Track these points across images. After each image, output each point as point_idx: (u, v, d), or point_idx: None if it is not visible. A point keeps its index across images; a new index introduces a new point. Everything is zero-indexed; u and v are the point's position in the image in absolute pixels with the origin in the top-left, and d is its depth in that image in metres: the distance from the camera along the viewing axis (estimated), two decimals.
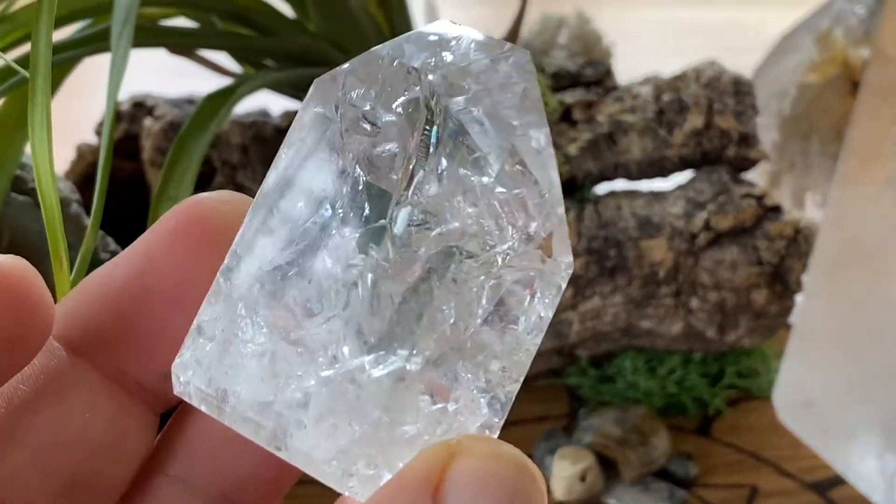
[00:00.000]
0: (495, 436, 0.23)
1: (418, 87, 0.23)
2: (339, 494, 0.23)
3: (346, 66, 0.24)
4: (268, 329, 0.23)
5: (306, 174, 0.24)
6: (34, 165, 0.38)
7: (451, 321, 0.23)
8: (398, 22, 0.64)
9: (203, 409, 0.24)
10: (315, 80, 0.24)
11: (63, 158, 0.62)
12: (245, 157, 0.61)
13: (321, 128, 0.24)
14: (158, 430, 0.28)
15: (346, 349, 0.23)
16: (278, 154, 0.24)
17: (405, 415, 0.23)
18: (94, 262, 0.50)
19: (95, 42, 0.51)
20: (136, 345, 0.26)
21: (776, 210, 0.62)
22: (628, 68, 0.71)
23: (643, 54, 0.92)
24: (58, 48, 0.50)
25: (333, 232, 0.23)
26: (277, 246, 0.24)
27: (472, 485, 0.21)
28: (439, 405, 0.23)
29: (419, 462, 0.21)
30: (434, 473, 0.21)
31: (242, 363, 0.24)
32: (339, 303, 0.23)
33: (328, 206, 0.23)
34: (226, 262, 0.24)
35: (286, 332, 0.23)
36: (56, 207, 0.38)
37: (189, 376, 0.24)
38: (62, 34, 0.52)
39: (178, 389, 0.24)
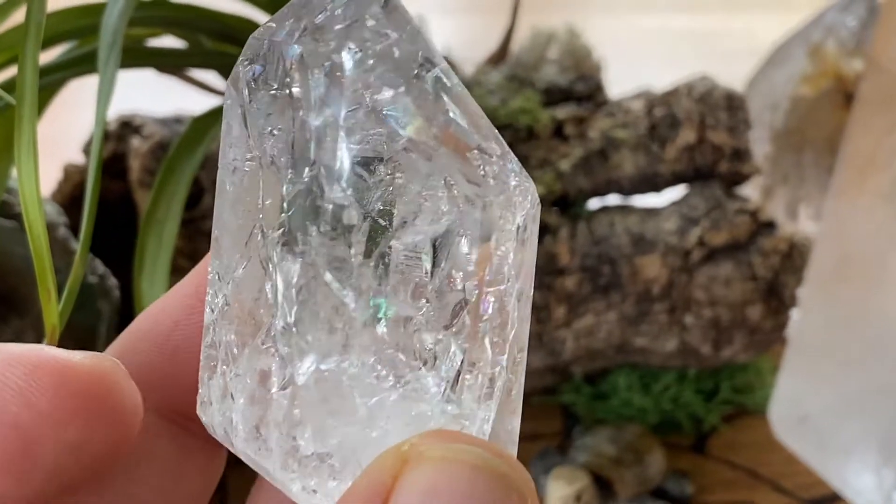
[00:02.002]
0: (485, 425, 0.22)
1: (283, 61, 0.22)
2: None
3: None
4: (240, 354, 0.23)
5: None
6: (21, 195, 0.37)
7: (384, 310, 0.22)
8: None
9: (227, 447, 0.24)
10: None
11: (50, 177, 0.62)
12: None
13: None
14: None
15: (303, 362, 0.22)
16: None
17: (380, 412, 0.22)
18: (82, 287, 0.50)
19: (82, 64, 0.51)
20: (191, 383, 0.25)
21: (770, 225, 0.62)
22: (619, 77, 0.71)
23: (633, 63, 0.92)
24: (44, 70, 0.49)
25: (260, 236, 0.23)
26: (227, 266, 0.23)
27: (421, 497, 0.19)
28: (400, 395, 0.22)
29: (370, 471, 0.20)
30: (383, 485, 0.20)
31: (233, 394, 0.23)
32: (285, 314, 0.22)
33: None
34: (208, 290, 0.24)
35: (252, 354, 0.23)
36: (43, 236, 0.38)
37: (208, 415, 0.24)
38: (49, 55, 0.52)
39: (208, 430, 0.24)
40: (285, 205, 0.22)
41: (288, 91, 0.22)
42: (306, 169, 0.22)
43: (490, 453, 0.20)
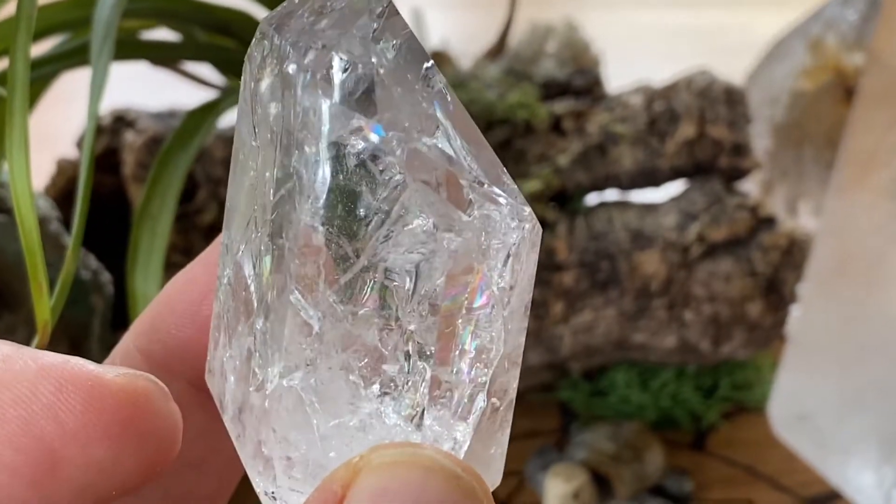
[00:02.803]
0: (461, 447, 0.22)
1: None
2: None
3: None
4: (233, 334, 0.23)
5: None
6: (12, 190, 0.37)
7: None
8: None
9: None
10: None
11: (42, 170, 0.61)
12: (229, 171, 0.60)
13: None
14: None
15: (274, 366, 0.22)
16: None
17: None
18: (75, 283, 0.49)
19: (75, 56, 0.50)
20: None
21: (770, 221, 0.61)
22: (617, 72, 0.70)
23: (632, 58, 0.91)
24: (36, 63, 0.49)
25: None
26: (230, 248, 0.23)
27: (372, 499, 0.19)
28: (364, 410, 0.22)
29: (322, 484, 0.20)
30: (334, 495, 0.19)
31: (225, 372, 0.23)
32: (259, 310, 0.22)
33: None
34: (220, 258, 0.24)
35: (242, 337, 0.23)
36: (35, 231, 0.37)
37: (212, 384, 0.24)
38: (40, 48, 0.51)
39: (214, 399, 0.24)
40: (273, 200, 0.21)
41: (286, 71, 0.21)
42: (294, 154, 0.21)
43: (442, 456, 0.20)
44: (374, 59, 0.21)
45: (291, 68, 0.21)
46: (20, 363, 0.22)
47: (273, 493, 0.22)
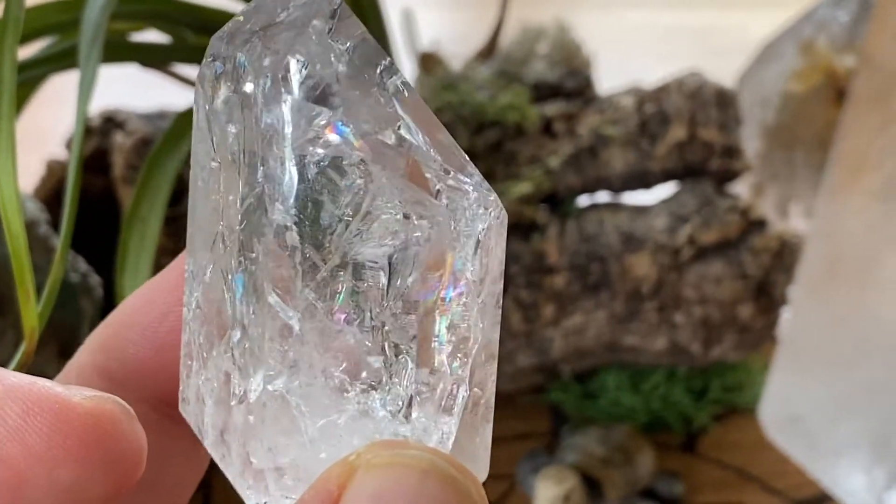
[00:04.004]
0: (447, 440, 0.22)
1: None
2: None
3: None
4: (208, 357, 0.23)
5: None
6: None
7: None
8: (373, 30, 0.63)
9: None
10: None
11: (31, 171, 0.61)
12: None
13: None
14: None
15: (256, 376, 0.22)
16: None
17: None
18: (64, 286, 0.49)
19: (63, 59, 0.50)
20: (177, 373, 0.25)
21: (761, 223, 0.61)
22: (608, 72, 0.70)
23: (623, 58, 0.91)
24: (23, 66, 0.48)
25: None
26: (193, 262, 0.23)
27: (368, 502, 0.19)
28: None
29: (317, 483, 0.20)
30: (329, 495, 0.19)
31: (203, 397, 0.23)
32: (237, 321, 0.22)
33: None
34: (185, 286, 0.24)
35: (217, 358, 0.23)
36: (22, 236, 0.37)
37: (187, 412, 0.23)
38: (28, 51, 0.51)
39: (191, 427, 0.23)
40: (240, 210, 0.21)
41: (242, 90, 0.21)
42: (259, 170, 0.21)
43: (439, 458, 0.20)
44: (332, 58, 0.21)
45: (248, 87, 0.21)
46: None
47: (266, 503, 0.22)
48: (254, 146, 0.21)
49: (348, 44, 0.21)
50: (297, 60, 0.21)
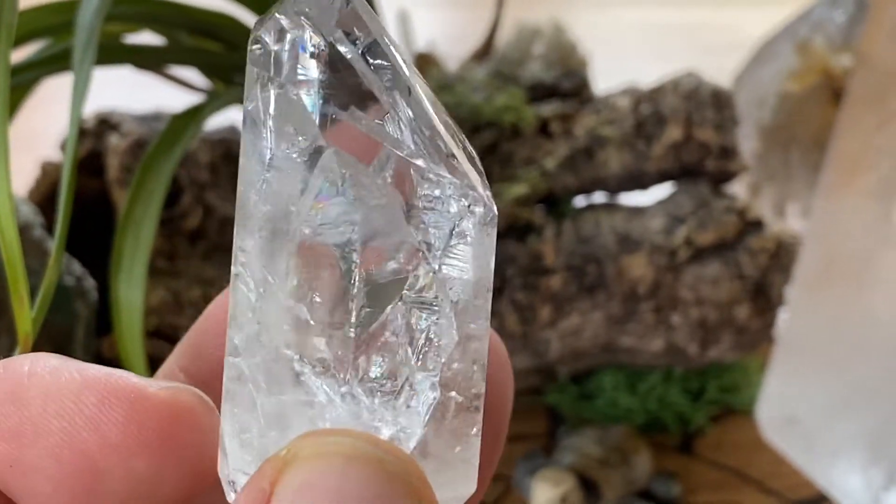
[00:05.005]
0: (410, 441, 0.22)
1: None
2: None
3: None
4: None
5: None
6: None
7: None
8: None
9: None
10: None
11: (26, 172, 0.61)
12: (214, 175, 0.60)
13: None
14: None
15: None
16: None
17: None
18: (58, 289, 0.49)
19: (56, 62, 0.50)
20: None
21: (757, 224, 0.61)
22: (604, 71, 0.70)
23: (618, 56, 0.91)
24: (16, 69, 0.48)
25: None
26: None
27: (294, 496, 0.19)
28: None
29: (251, 481, 0.20)
30: (263, 492, 0.19)
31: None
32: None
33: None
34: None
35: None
36: (16, 242, 0.37)
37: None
38: (21, 53, 0.51)
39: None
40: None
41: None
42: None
43: (366, 442, 0.20)
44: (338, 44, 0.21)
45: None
46: (66, 376, 0.22)
47: (228, 476, 0.22)
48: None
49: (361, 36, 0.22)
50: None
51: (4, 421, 0.22)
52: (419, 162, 0.22)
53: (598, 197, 0.64)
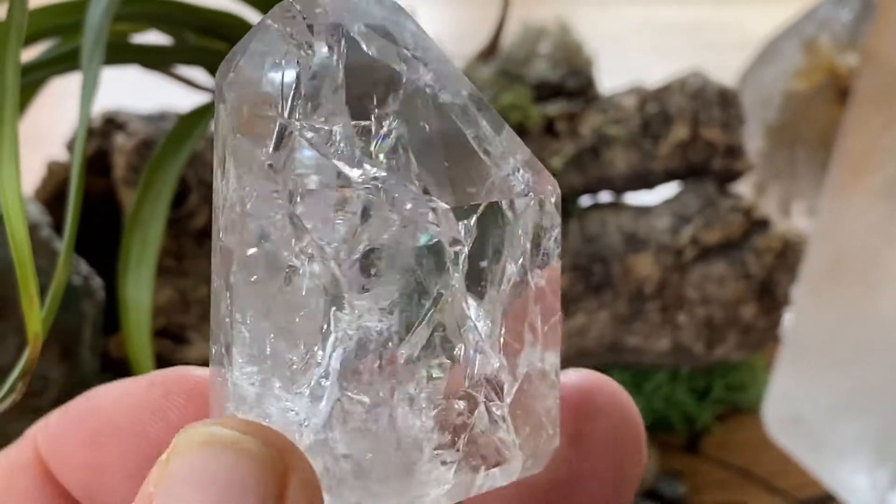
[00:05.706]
0: None
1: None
2: None
3: None
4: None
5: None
6: (3, 200, 0.37)
7: None
8: None
9: None
10: None
11: (33, 171, 0.61)
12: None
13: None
14: None
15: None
16: None
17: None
18: (66, 288, 0.49)
19: (65, 62, 0.50)
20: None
21: (763, 223, 0.61)
22: (609, 69, 0.70)
23: (624, 54, 0.91)
24: (26, 69, 0.48)
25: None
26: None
27: (174, 491, 0.19)
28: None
29: (143, 487, 0.20)
30: (149, 496, 0.19)
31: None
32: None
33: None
34: None
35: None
36: (26, 243, 0.37)
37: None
38: (31, 53, 0.51)
39: None
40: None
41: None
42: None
43: (220, 427, 0.19)
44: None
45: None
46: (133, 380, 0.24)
47: None
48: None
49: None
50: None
51: (82, 426, 0.24)
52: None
53: (605, 196, 0.64)
